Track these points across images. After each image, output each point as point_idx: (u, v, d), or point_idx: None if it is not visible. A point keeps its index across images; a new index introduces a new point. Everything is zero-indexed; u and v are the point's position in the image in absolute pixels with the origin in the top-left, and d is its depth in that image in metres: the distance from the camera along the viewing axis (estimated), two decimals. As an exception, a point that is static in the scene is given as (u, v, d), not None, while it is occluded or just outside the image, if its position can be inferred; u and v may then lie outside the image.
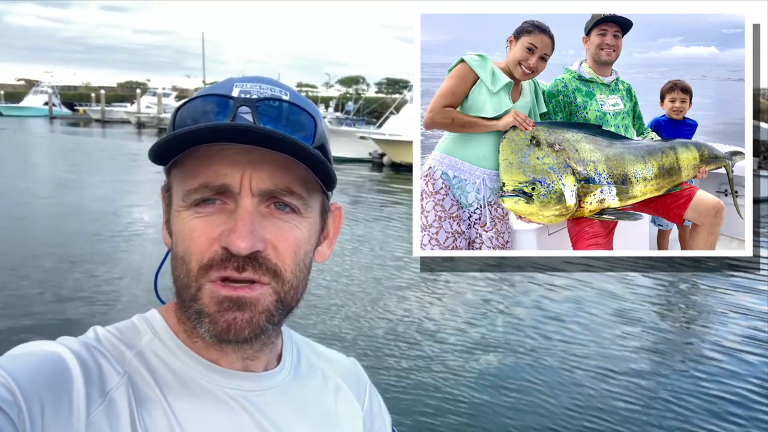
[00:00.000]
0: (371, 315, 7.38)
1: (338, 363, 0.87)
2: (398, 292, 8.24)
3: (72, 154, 25.25)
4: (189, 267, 0.64)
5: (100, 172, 19.32)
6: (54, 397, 0.56)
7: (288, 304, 0.67)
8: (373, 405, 0.88)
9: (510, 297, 8.34)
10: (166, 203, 0.70)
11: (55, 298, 7.03)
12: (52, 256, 8.59)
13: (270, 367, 0.74)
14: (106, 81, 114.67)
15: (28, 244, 9.33)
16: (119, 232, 10.53)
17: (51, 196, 14.05)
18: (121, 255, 9.13)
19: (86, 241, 9.79)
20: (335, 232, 0.77)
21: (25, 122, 55.48)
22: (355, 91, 74.49)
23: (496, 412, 5.08)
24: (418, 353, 6.25)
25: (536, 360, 6.22)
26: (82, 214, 12.18)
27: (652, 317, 7.79)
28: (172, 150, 0.64)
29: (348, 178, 20.22)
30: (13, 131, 43.09)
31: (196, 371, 0.68)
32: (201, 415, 0.65)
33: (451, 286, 8.52)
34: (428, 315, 7.41)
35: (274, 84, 0.69)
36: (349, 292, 8.30)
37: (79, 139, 37.25)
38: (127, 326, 0.70)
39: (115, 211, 12.70)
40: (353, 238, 10.83)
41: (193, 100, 0.67)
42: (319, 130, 0.68)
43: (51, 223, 10.97)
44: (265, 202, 0.64)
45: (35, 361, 0.59)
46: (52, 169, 20.43)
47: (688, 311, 8.19)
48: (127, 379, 0.63)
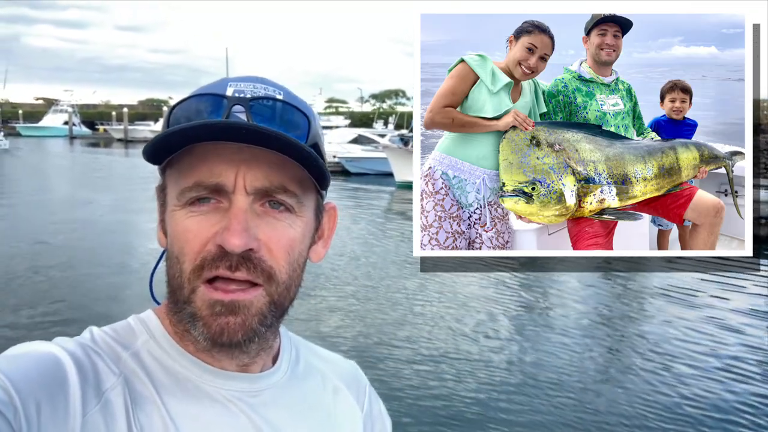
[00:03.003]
0: (371, 315, 7.38)
1: (338, 365, 0.86)
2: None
3: (105, 181, 22.54)
4: (182, 267, 0.64)
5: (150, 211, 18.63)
6: (50, 397, 0.56)
7: (281, 306, 0.67)
8: (373, 407, 0.87)
9: (510, 297, 8.34)
10: (161, 203, 0.70)
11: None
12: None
13: (266, 367, 0.74)
14: (124, 100, 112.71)
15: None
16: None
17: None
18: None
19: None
20: (330, 231, 0.77)
21: (44, 143, 53.95)
22: (389, 106, 72.74)
23: (499, 412, 5.08)
24: (418, 353, 6.25)
25: (538, 359, 6.23)
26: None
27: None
28: (167, 148, 0.63)
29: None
30: (30, 151, 41.83)
31: (191, 372, 0.68)
32: (197, 416, 0.65)
33: (451, 286, 8.52)
34: (428, 315, 7.41)
35: (268, 83, 0.69)
36: (349, 292, 8.30)
37: (105, 161, 35.61)
38: (123, 327, 0.70)
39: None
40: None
41: (187, 99, 0.67)
42: (313, 129, 0.68)
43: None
44: (259, 200, 0.64)
45: (31, 362, 0.59)
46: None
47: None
48: (123, 379, 0.63)
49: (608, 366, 6.25)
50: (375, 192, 20.92)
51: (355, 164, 26.94)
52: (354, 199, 18.83)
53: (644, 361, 6.26)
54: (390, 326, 7.00)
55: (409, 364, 5.95)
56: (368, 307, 7.73)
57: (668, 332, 7.04)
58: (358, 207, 16.11)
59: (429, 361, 6.08)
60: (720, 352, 6.47)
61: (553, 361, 6.26)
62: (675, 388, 5.59)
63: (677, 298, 8.33)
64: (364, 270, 9.38)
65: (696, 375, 5.91)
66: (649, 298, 8.48)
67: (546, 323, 7.45)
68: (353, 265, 9.70)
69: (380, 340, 6.56)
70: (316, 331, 6.64)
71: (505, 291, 8.53)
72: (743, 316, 7.59)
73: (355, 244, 11.37)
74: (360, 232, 12.80)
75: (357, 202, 17.81)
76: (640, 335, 7.09)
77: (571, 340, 6.83)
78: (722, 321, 7.42)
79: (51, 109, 71.86)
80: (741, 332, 7.07)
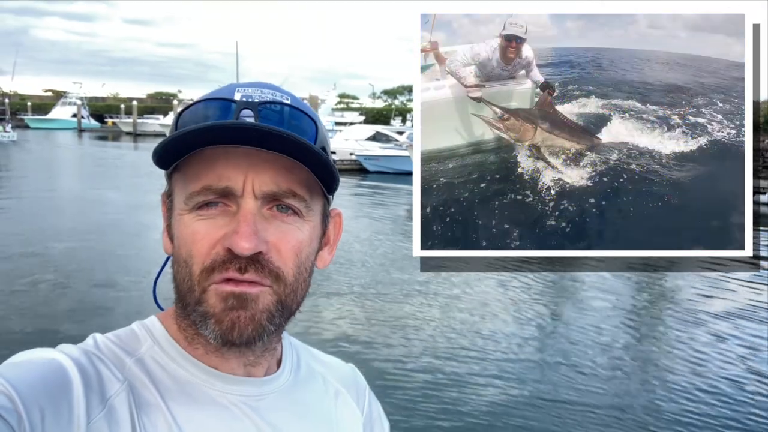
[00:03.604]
0: (372, 315, 7.39)
1: (337, 368, 0.87)
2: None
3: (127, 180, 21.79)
4: (191, 270, 0.64)
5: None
6: (54, 404, 0.57)
7: (288, 307, 0.68)
8: (373, 410, 0.88)
9: (510, 297, 8.32)
10: (168, 208, 0.70)
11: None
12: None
13: (270, 372, 0.75)
14: (132, 93, 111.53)
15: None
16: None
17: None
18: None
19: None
20: (336, 237, 0.78)
21: (53, 135, 53.62)
22: (401, 103, 71.39)
23: (502, 411, 5.08)
24: (418, 353, 6.25)
25: (539, 359, 6.22)
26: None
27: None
28: (175, 152, 0.64)
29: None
30: (37, 144, 41.25)
31: (196, 377, 0.68)
32: (202, 421, 0.66)
33: (451, 286, 8.51)
34: (428, 315, 7.40)
35: (274, 89, 0.70)
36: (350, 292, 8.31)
37: (116, 155, 34.88)
38: (127, 333, 0.71)
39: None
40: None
41: (195, 104, 0.67)
42: (320, 133, 0.69)
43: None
44: (267, 204, 0.64)
45: (35, 369, 0.59)
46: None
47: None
48: (127, 385, 0.63)
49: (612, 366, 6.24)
50: (393, 191, 20.53)
51: (374, 162, 26.70)
52: (372, 197, 18.60)
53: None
54: (390, 326, 6.99)
55: (409, 364, 5.94)
56: (369, 306, 7.73)
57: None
58: (379, 206, 15.80)
59: (429, 362, 6.07)
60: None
61: (560, 358, 6.25)
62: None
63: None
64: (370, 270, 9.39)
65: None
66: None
67: (546, 322, 7.43)
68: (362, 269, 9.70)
69: (380, 340, 6.55)
70: (316, 331, 6.62)
71: (506, 291, 8.51)
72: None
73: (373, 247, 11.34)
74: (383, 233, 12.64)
75: (375, 200, 17.59)
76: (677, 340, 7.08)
77: (575, 338, 6.82)
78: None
79: (60, 101, 71.31)
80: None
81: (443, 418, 4.86)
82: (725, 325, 7.23)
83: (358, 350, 6.11)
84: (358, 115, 56.05)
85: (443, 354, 6.16)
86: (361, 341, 6.41)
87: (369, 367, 5.53)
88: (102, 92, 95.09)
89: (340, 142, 29.49)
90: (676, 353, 6.36)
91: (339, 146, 28.45)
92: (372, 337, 6.54)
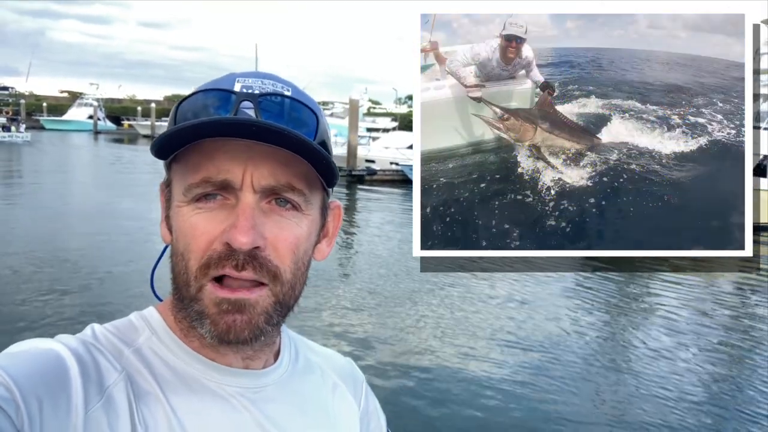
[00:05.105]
0: (371, 315, 7.38)
1: (335, 361, 0.87)
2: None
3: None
4: (188, 264, 0.64)
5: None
6: (52, 394, 0.57)
7: (286, 305, 0.67)
8: (369, 404, 0.88)
9: (510, 296, 8.28)
10: (166, 198, 0.70)
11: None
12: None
13: (268, 364, 0.74)
14: (148, 95, 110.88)
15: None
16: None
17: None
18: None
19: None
20: (335, 230, 0.77)
21: (68, 137, 53.05)
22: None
23: (503, 411, 5.07)
24: (418, 354, 6.24)
25: (541, 359, 6.18)
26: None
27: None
28: (174, 144, 0.63)
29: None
30: (51, 145, 40.40)
31: (194, 368, 0.68)
32: (200, 412, 0.65)
33: (451, 286, 8.48)
34: (428, 315, 7.38)
35: (275, 79, 0.69)
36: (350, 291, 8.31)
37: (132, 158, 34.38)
38: (125, 324, 0.71)
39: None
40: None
41: (194, 94, 0.67)
42: (321, 126, 0.68)
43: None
44: (266, 198, 0.64)
45: (32, 359, 0.59)
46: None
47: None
48: (125, 375, 0.63)
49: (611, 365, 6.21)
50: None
51: None
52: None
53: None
54: (390, 326, 6.98)
55: (409, 365, 5.93)
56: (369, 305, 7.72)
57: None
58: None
59: (429, 362, 6.05)
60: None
61: (564, 357, 6.22)
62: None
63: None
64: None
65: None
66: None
67: (546, 321, 7.39)
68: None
69: (380, 340, 6.54)
70: (315, 330, 6.62)
71: (506, 291, 8.47)
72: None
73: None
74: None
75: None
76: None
77: (575, 336, 6.79)
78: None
79: (76, 102, 70.71)
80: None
81: (441, 417, 4.85)
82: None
83: (357, 349, 6.10)
84: (391, 121, 53.29)
85: (443, 354, 6.14)
86: (361, 341, 6.41)
87: (367, 365, 5.53)
88: (118, 94, 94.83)
89: (380, 150, 27.71)
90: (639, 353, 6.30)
91: (378, 155, 26.86)
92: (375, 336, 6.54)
